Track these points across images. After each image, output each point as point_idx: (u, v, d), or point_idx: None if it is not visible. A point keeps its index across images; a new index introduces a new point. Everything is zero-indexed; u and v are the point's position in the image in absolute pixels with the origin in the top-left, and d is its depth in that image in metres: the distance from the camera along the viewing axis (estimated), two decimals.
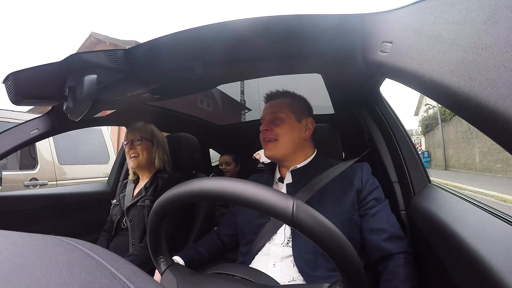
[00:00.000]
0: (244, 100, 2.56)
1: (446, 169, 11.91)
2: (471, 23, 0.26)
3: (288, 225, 0.36)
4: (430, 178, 0.89)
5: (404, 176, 0.88)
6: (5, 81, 0.69)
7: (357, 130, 1.20)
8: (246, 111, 2.69)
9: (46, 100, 0.82)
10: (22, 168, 2.48)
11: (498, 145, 0.24)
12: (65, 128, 1.10)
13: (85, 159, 3.00)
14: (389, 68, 0.39)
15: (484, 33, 0.25)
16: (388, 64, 0.39)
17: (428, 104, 14.53)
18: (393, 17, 0.40)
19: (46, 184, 2.51)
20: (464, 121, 0.28)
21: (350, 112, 1.19)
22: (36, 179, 2.48)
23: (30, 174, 2.47)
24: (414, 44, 0.33)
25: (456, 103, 0.27)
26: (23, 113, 2.63)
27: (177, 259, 0.79)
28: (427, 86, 0.30)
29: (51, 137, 2.64)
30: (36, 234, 0.22)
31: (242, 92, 2.53)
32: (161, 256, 0.56)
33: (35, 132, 1.00)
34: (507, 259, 0.38)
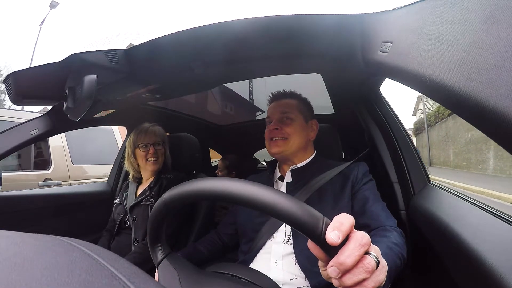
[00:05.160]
0: (253, 100, 2.53)
1: (430, 165, 14.44)
2: (471, 23, 0.26)
3: (316, 244, 0.35)
4: (430, 177, 0.89)
5: (404, 176, 0.88)
6: (5, 81, 0.69)
7: (357, 130, 1.20)
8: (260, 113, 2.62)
9: (46, 100, 0.82)
10: (36, 168, 2.50)
11: (466, 147, 0.24)
12: (65, 128, 1.09)
13: (98, 158, 3.02)
14: (389, 68, 0.39)
15: (484, 33, 0.25)
16: (388, 64, 0.39)
17: (419, 109, 15.72)
18: (393, 17, 0.40)
19: (60, 184, 2.54)
20: (443, 127, 0.28)
21: (350, 112, 1.19)
22: (50, 179, 2.50)
23: (44, 174, 2.49)
24: (414, 44, 0.33)
25: (456, 103, 0.27)
26: (34, 113, 2.62)
27: None
28: (427, 86, 0.30)
29: (65, 138, 2.70)
30: (36, 234, 0.22)
31: (251, 92, 2.50)
32: (159, 244, 0.53)
33: (35, 132, 1.00)
34: (507, 259, 0.38)
